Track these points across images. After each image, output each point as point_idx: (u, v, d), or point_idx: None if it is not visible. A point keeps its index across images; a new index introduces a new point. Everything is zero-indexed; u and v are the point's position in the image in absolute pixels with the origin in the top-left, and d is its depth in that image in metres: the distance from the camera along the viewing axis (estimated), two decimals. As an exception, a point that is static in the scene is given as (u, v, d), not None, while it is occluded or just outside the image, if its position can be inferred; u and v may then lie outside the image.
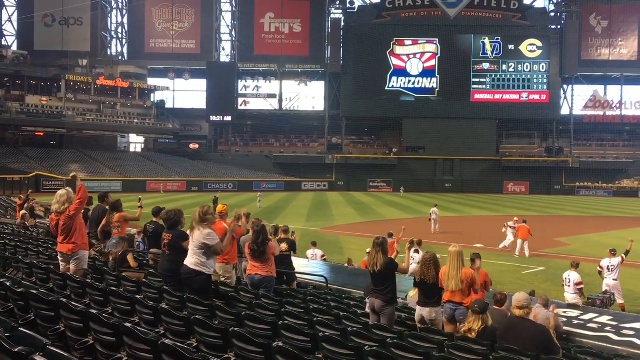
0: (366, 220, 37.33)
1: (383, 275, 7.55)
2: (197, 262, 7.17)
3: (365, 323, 7.14)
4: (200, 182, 70.42)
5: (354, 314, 8.07)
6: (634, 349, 8.64)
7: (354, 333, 6.02)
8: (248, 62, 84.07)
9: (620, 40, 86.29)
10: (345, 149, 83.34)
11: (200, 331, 5.24)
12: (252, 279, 8.81)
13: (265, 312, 6.85)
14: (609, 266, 14.90)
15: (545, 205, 55.16)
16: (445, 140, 76.99)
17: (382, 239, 7.78)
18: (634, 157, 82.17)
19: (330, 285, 12.12)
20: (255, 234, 8.69)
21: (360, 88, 79.15)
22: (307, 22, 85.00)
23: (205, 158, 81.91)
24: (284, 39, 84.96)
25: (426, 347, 5.95)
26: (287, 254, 11.51)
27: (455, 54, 79.98)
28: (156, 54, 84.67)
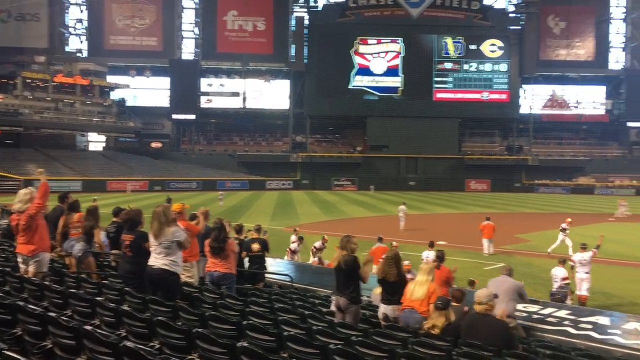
0: (331, 218, 37.43)
1: (347, 273, 7.56)
2: (168, 262, 7.07)
3: (330, 321, 7.14)
4: (163, 182, 69.47)
5: (319, 312, 8.07)
6: (591, 342, 8.87)
7: (319, 332, 6.01)
8: (211, 60, 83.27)
9: (577, 41, 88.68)
10: (309, 147, 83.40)
11: (163, 333, 5.16)
12: (212, 275, 8.80)
13: (229, 312, 6.79)
14: (580, 260, 15.27)
15: (506, 202, 56.27)
16: (408, 139, 77.79)
17: (346, 237, 7.81)
18: (590, 155, 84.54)
19: (295, 284, 12.10)
20: (215, 231, 8.67)
21: (324, 87, 79.29)
22: (271, 20, 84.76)
23: (168, 157, 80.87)
24: (247, 37, 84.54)
25: (390, 344, 5.98)
26: (260, 253, 11.44)
27: (419, 54, 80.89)
28: (117, 51, 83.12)
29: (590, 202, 58.51)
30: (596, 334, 9.33)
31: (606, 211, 45.19)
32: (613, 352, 8.36)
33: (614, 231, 30.58)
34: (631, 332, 9.48)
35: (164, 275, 7.06)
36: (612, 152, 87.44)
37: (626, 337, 9.13)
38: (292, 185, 78.27)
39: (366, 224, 34.34)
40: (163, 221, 7.10)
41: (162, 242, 7.07)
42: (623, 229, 32.19)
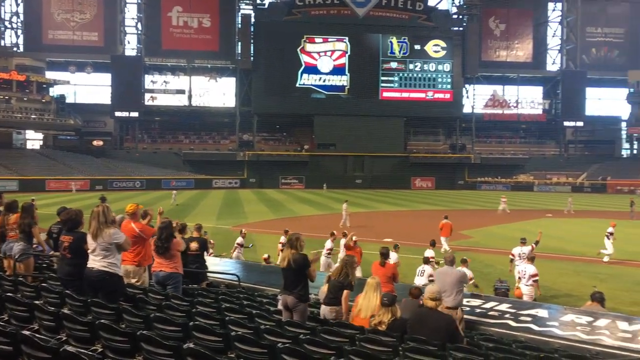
0: (278, 217, 37.36)
1: (295, 271, 7.56)
2: (107, 264, 6.88)
3: (278, 320, 7.13)
4: (105, 181, 67.68)
5: (267, 311, 8.04)
6: (530, 334, 9.18)
7: (267, 331, 6.00)
8: (155, 57, 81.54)
9: (516, 42, 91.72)
10: (256, 145, 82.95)
11: (106, 336, 5.03)
12: (157, 275, 8.64)
13: (175, 313, 6.68)
14: (520, 254, 15.76)
15: (450, 199, 57.57)
16: (355, 137, 78.53)
17: (293, 235, 7.80)
18: (529, 153, 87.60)
19: (242, 283, 12.00)
20: (159, 230, 8.50)
21: (271, 85, 79.01)
22: (217, 17, 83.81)
23: (110, 155, 78.79)
24: (192, 34, 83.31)
25: (338, 341, 6.02)
26: (198, 253, 11.29)
27: (365, 53, 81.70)
28: (55, 46, 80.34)
29: (530, 198, 60.61)
30: (535, 326, 9.65)
31: (544, 207, 46.92)
32: (551, 343, 8.68)
33: (551, 226, 31.78)
34: (568, 323, 9.86)
35: (103, 277, 6.86)
36: (549, 150, 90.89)
37: (563, 329, 9.50)
38: (239, 184, 77.70)
39: (314, 222, 34.46)
40: (102, 221, 6.89)
41: (100, 243, 6.87)
42: (559, 225, 33.48)
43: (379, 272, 10.10)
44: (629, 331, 9.27)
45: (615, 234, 22.06)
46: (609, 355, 7.97)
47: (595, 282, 14.68)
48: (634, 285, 17.05)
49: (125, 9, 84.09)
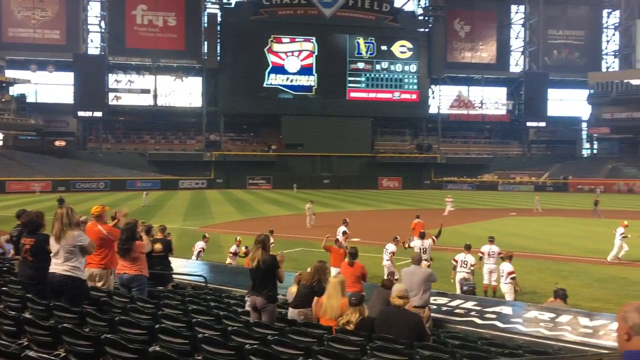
0: (246, 217, 37.19)
1: (264, 272, 7.53)
2: (70, 267, 6.72)
3: (245, 321, 7.09)
4: (68, 182, 66.24)
5: (235, 313, 7.99)
6: (495, 331, 9.33)
7: (235, 332, 5.96)
8: (119, 56, 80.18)
9: (481, 44, 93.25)
10: (223, 146, 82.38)
11: (69, 340, 4.92)
12: (121, 278, 8.49)
13: (140, 315, 6.58)
14: (489, 252, 15.98)
15: (416, 199, 58.15)
16: (323, 138, 78.67)
17: (264, 236, 7.78)
18: (494, 153, 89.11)
19: (209, 284, 11.90)
20: (121, 232, 8.35)
21: (238, 84, 78.55)
22: (182, 16, 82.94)
23: (73, 156, 77.17)
24: (157, 33, 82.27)
25: (306, 341, 6.02)
26: (162, 254, 11.15)
27: (332, 53, 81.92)
28: (16, 44, 78.38)
29: (494, 197, 61.63)
30: (500, 323, 9.81)
31: (509, 206, 47.78)
32: (515, 340, 8.83)
33: (515, 225, 32.40)
34: (532, 320, 10.05)
35: (65, 282, 6.71)
36: (513, 150, 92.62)
37: (527, 325, 9.68)
38: (206, 184, 77.07)
39: (282, 222, 34.39)
40: (66, 223, 6.73)
41: (63, 245, 6.71)
42: (523, 223, 34.13)
43: (347, 271, 10.14)
44: (590, 327, 9.50)
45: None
46: (570, 351, 8.15)
47: (557, 279, 15.02)
48: (594, 282, 17.50)
49: (88, 6, 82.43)
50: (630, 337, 2.62)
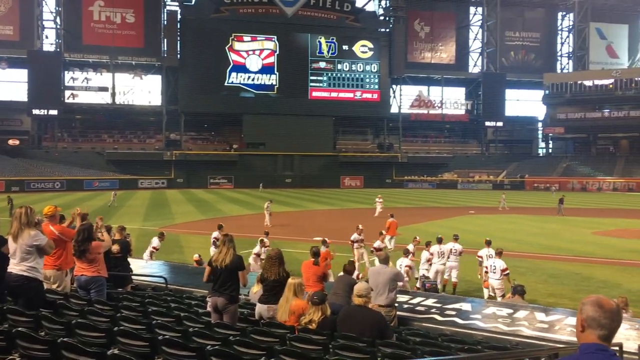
0: (207, 217, 36.81)
1: (227, 273, 7.46)
2: (27, 268, 6.55)
3: (207, 322, 7.02)
4: (22, 182, 64.35)
5: (196, 314, 7.91)
6: (455, 328, 9.49)
7: (196, 333, 5.90)
8: (76, 52, 78.20)
9: (440, 45, 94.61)
10: (184, 145, 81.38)
11: (24, 344, 4.79)
12: (79, 280, 8.27)
13: (98, 318, 6.44)
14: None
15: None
16: (285, 137, 78.51)
17: (230, 235, 7.72)
18: (453, 152, 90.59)
19: (170, 285, 11.75)
20: (77, 232, 8.14)
21: (199, 83, 77.68)
22: (141, 13, 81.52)
23: (28, 155, 74.97)
24: (115, 29, 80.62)
25: (268, 341, 6.00)
26: (120, 255, 10.94)
27: (294, 52, 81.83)
28: (-34, 39, 75.72)
29: (454, 196, 62.63)
30: (460, 319, 9.99)
31: (468, 205, 48.63)
32: (475, 336, 9.00)
33: (474, 223, 32.98)
34: (490, 316, 10.26)
35: (22, 282, 6.54)
36: (472, 149, 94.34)
37: (486, 321, 9.88)
38: (166, 184, 75.98)
39: (244, 221, 34.19)
40: (24, 222, 6.57)
41: (20, 245, 6.54)
42: (481, 221, 34.77)
43: (310, 270, 10.12)
44: (546, 321, 9.75)
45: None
46: (528, 346, 8.35)
47: (515, 276, 15.33)
48: (549, 278, 17.95)
49: (43, 2, 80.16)
50: (584, 329, 2.73)
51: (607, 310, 2.69)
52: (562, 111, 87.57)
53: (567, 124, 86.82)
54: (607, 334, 2.68)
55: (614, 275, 18.26)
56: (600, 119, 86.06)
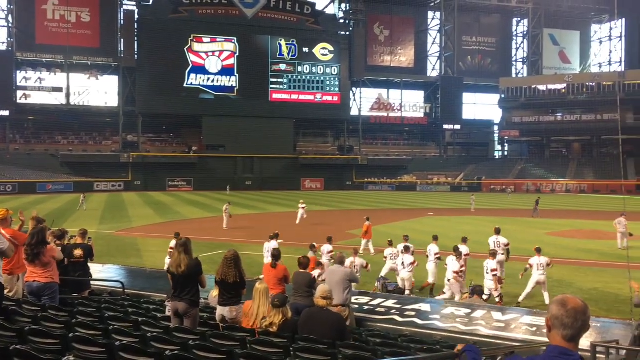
0: (166, 220, 36.29)
1: (187, 277, 7.36)
2: None
3: (166, 327, 6.91)
4: (-28, 185, 62.20)
5: (154, 318, 7.78)
6: (415, 328, 9.60)
7: (154, 338, 5.81)
8: (29, 52, 75.93)
9: (399, 48, 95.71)
10: (142, 147, 80.00)
11: (-27, 354, 4.61)
12: (31, 286, 7.99)
13: (53, 324, 6.27)
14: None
15: (338, 200, 58.89)
16: (245, 139, 78.08)
17: (184, 239, 7.61)
18: (412, 154, 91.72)
19: (127, 290, 11.53)
20: (29, 236, 7.90)
21: (157, 84, 76.50)
22: (97, 12, 79.72)
23: (-22, 157, 72.52)
24: (70, 29, 78.61)
25: (229, 345, 5.96)
26: (82, 260, 10.68)
27: (254, 54, 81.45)
28: None
29: (413, 198, 63.41)
30: (419, 320, 10.12)
31: (426, 206, 49.27)
32: (434, 336, 9.13)
33: (433, 224, 33.44)
34: (448, 316, 10.43)
35: None
36: (430, 152, 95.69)
37: (444, 321, 10.03)
38: (123, 186, 74.53)
39: (203, 224, 33.85)
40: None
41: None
42: (440, 222, 35.30)
43: (270, 273, 10.09)
44: (502, 321, 9.97)
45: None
46: (485, 345, 8.51)
47: (472, 276, 15.61)
48: (505, 278, 18.31)
49: (-6, -1, 77.66)
50: (550, 329, 2.66)
51: (570, 309, 2.59)
52: (517, 115, 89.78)
53: (522, 128, 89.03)
54: (571, 334, 2.58)
55: (568, 274, 18.78)
56: (554, 122, 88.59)
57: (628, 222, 24.35)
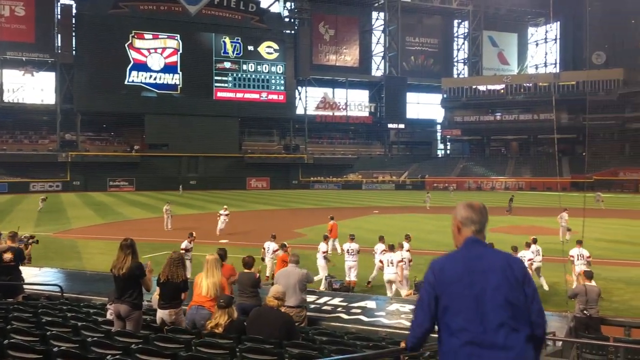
0: (107, 221, 35.32)
1: (129, 279, 7.18)
2: None
3: (107, 331, 6.72)
4: None
5: (95, 322, 7.55)
6: (361, 325, 9.69)
7: (95, 343, 5.63)
8: (-42, 46, 72.40)
9: (344, 48, 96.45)
10: (81, 146, 77.54)
11: None
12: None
13: (-15, 332, 5.99)
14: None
15: (284, 199, 58.81)
16: (189, 137, 76.87)
17: (130, 240, 7.42)
18: (358, 153, 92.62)
19: (66, 294, 11.14)
20: None
21: (97, 81, 74.21)
22: (32, 6, 76.53)
23: None
24: (4, 23, 75.22)
25: (173, 347, 5.84)
26: (13, 264, 10.23)
27: (197, 52, 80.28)
28: None
29: (358, 196, 64.02)
30: (365, 317, 10.22)
31: (372, 205, 49.87)
32: (379, 332, 9.23)
33: (377, 222, 33.89)
34: (393, 312, 10.58)
35: None
36: (375, 150, 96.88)
37: (389, 318, 10.17)
38: (61, 186, 71.98)
39: (145, 225, 33.13)
40: None
41: None
42: (385, 220, 35.79)
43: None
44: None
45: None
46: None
47: (416, 273, 15.88)
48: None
49: None
50: (460, 230, 3.21)
51: (476, 209, 3.22)
52: (459, 114, 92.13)
53: (464, 127, 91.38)
54: (479, 228, 3.19)
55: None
56: (493, 122, 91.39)
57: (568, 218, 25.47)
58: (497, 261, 3.07)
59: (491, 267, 3.04)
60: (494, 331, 2.94)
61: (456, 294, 3.03)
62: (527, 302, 3.02)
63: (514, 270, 3.05)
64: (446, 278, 3.07)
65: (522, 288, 3.03)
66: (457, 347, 3.01)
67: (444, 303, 3.07)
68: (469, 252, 3.13)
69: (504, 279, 3.00)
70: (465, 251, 3.14)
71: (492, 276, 3.01)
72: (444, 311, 3.08)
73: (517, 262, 3.14)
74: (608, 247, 23.62)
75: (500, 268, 3.03)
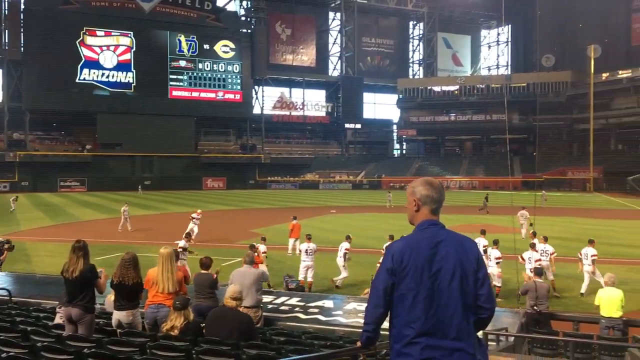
0: (57, 223, 34.34)
1: (82, 281, 7.01)
2: None
3: (58, 335, 6.54)
4: None
5: (45, 327, 7.33)
6: (319, 325, 9.71)
7: (45, 348, 5.47)
8: None
9: (301, 47, 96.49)
10: (29, 145, 75.11)
11: None
12: None
13: None
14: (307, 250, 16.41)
15: (241, 199, 58.43)
16: (143, 137, 75.38)
17: (83, 242, 7.23)
18: (315, 153, 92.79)
19: (14, 298, 10.79)
20: None
21: (46, 79, 71.94)
22: (-22, 0, 73.88)
23: None
24: (-54, 17, 72.39)
25: (127, 351, 5.73)
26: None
27: (152, 50, 78.81)
28: None
29: (315, 196, 64.17)
30: (323, 316, 10.25)
31: (329, 204, 50.05)
32: (337, 331, 9.27)
33: (335, 222, 34.05)
34: (351, 311, 10.64)
35: None
36: (332, 150, 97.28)
37: (347, 317, 10.23)
38: (9, 187, 69.54)
39: (98, 226, 32.38)
40: None
41: None
42: (342, 220, 35.99)
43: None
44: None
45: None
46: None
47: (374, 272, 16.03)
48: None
49: None
50: (419, 207, 3.21)
51: (435, 187, 3.24)
52: (414, 115, 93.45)
53: (419, 127, 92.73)
54: (437, 206, 3.21)
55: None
56: (448, 122, 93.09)
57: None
58: (454, 247, 3.08)
59: (449, 254, 3.04)
60: (448, 321, 2.96)
61: (414, 283, 3.01)
62: (477, 286, 3.05)
63: (469, 255, 3.08)
64: (405, 265, 3.03)
65: (476, 274, 3.06)
66: (411, 338, 3.00)
67: (401, 291, 3.03)
68: (427, 236, 3.11)
69: (460, 267, 3.02)
70: (423, 234, 3.12)
71: (450, 265, 3.02)
72: (400, 299, 3.05)
73: (472, 247, 3.15)
74: (557, 245, 24.31)
75: (457, 255, 3.05)
